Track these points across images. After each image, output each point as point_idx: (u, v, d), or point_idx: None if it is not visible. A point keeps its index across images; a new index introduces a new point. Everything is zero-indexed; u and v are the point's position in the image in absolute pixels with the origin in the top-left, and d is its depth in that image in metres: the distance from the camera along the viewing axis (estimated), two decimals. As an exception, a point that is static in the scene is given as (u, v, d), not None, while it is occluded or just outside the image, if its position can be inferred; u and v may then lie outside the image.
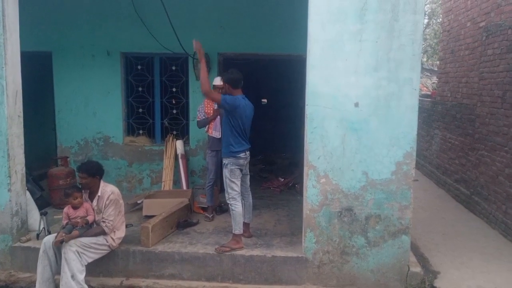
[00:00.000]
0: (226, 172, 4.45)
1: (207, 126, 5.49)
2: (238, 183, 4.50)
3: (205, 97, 4.77)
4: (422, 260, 4.74)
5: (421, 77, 15.26)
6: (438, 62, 10.22)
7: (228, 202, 4.49)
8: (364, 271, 4.21)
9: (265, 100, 12.21)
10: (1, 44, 4.26)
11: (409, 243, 4.18)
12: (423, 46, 18.86)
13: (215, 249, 4.33)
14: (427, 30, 17.92)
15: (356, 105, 4.01)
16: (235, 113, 4.40)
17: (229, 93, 4.49)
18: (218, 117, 5.33)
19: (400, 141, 4.02)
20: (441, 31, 9.31)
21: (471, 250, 5.05)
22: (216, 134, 5.34)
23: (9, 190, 4.39)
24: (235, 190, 4.46)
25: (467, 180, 6.86)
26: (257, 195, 6.58)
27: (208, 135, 5.56)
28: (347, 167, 4.09)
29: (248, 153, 4.60)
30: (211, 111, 5.42)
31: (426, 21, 17.95)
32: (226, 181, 4.47)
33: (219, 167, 5.23)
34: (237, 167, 4.46)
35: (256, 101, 11.98)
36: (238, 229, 4.41)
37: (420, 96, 10.67)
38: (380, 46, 3.92)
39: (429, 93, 12.39)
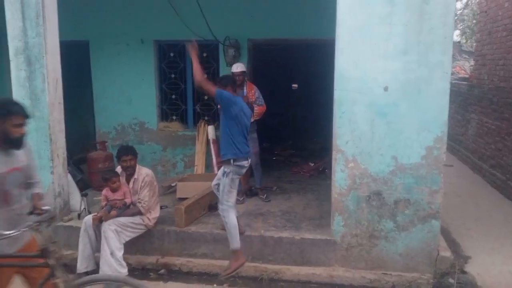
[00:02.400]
0: (226, 180, 4.06)
1: None
2: (235, 193, 4.20)
3: (199, 88, 4.26)
4: (453, 245, 4.72)
5: (459, 60, 14.77)
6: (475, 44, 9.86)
7: (221, 214, 4.11)
8: (393, 255, 4.24)
9: (295, 85, 12.20)
10: (41, 34, 4.49)
11: (439, 227, 4.17)
12: (461, 27, 18.18)
13: (221, 277, 4.11)
14: (465, 11, 17.25)
15: (385, 89, 3.99)
16: (232, 110, 4.05)
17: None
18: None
19: (431, 125, 3.98)
20: (478, 12, 8.97)
21: (503, 236, 4.97)
22: None
23: (52, 172, 4.67)
24: (230, 202, 4.09)
25: (503, 166, 6.68)
26: (287, 180, 6.70)
27: None
28: (375, 152, 4.10)
29: (249, 160, 4.26)
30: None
31: (464, 1, 17.26)
32: (224, 189, 4.07)
33: None
34: (238, 176, 4.17)
35: (287, 87, 12.08)
36: (235, 243, 4.03)
37: (456, 80, 10.40)
38: (410, 29, 3.88)
39: (467, 76, 11.98)
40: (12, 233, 2.34)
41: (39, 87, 4.56)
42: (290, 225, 4.70)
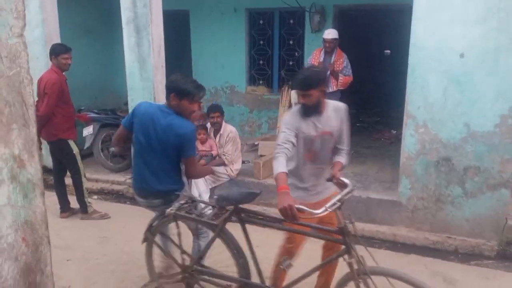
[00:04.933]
0: None
1: None
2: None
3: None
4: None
5: None
6: None
7: None
8: (459, 220, 4.35)
9: (388, 51, 11.91)
10: (147, 5, 5.18)
11: (509, 196, 4.16)
12: None
13: None
14: None
15: (461, 56, 4.01)
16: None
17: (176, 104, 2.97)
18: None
19: (507, 94, 3.93)
20: None
21: None
22: None
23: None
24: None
25: None
26: (366, 145, 6.90)
27: None
28: (447, 119, 4.18)
29: (150, 200, 3.10)
30: (316, 63, 5.67)
31: None
32: None
33: None
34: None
35: (378, 53, 11.83)
36: None
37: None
38: (490, -5, 3.82)
39: None
40: (320, 212, 2.35)
41: (146, 52, 5.32)
42: (359, 186, 5.00)
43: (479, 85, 4.01)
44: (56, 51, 4.62)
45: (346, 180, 2.65)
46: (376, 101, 10.09)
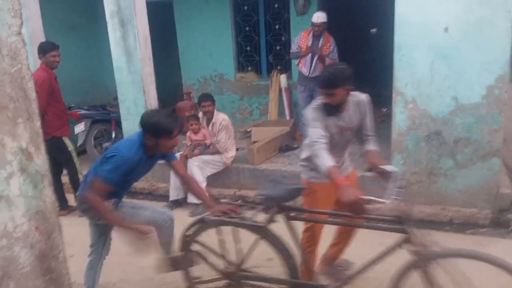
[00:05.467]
0: None
1: (298, 60, 5.81)
2: None
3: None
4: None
5: None
6: None
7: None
8: (452, 191, 4.44)
9: (374, 30, 11.86)
10: (131, -3, 5.15)
11: (499, 165, 4.26)
12: None
13: None
14: None
15: (446, 30, 4.05)
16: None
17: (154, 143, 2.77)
18: (311, 54, 5.62)
19: (492, 65, 3.99)
20: None
21: None
22: (304, 70, 5.69)
23: (147, 118, 5.50)
24: None
25: None
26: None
27: (298, 69, 5.91)
28: (435, 93, 4.23)
29: None
30: (305, 46, 5.69)
31: None
32: None
33: (309, 102, 5.66)
34: None
35: (366, 33, 11.82)
36: None
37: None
38: (471, -33, 3.85)
39: None
40: (388, 202, 2.33)
41: (132, 45, 5.29)
42: (354, 164, 5.04)
43: (464, 58, 4.06)
44: (44, 49, 4.60)
45: (389, 167, 2.61)
46: (365, 80, 10.11)
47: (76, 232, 4.48)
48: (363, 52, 10.94)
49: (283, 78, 6.96)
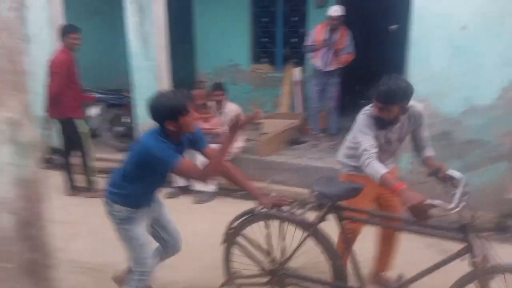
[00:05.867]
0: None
1: (312, 54, 5.76)
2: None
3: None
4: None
5: None
6: None
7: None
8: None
9: (393, 27, 11.66)
10: (150, -17, 5.19)
11: (508, 169, 4.19)
12: None
13: None
14: None
15: (463, 28, 3.98)
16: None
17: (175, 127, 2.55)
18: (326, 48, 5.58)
19: (510, 63, 3.91)
20: None
21: None
22: (318, 64, 5.67)
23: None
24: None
25: None
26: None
27: (312, 63, 5.86)
28: (448, 92, 4.18)
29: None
30: (320, 40, 5.63)
31: None
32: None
33: (322, 96, 5.66)
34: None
35: (386, 29, 11.62)
36: None
37: None
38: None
39: None
40: (453, 208, 2.24)
41: (149, 31, 5.35)
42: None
43: (481, 57, 3.98)
44: (65, 31, 4.70)
45: (455, 173, 2.52)
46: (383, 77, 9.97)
47: (84, 213, 4.63)
48: (384, 47, 10.77)
49: (297, 71, 6.95)
